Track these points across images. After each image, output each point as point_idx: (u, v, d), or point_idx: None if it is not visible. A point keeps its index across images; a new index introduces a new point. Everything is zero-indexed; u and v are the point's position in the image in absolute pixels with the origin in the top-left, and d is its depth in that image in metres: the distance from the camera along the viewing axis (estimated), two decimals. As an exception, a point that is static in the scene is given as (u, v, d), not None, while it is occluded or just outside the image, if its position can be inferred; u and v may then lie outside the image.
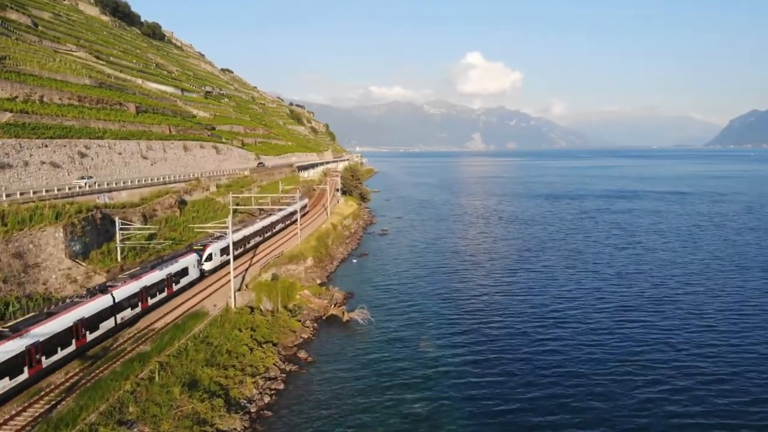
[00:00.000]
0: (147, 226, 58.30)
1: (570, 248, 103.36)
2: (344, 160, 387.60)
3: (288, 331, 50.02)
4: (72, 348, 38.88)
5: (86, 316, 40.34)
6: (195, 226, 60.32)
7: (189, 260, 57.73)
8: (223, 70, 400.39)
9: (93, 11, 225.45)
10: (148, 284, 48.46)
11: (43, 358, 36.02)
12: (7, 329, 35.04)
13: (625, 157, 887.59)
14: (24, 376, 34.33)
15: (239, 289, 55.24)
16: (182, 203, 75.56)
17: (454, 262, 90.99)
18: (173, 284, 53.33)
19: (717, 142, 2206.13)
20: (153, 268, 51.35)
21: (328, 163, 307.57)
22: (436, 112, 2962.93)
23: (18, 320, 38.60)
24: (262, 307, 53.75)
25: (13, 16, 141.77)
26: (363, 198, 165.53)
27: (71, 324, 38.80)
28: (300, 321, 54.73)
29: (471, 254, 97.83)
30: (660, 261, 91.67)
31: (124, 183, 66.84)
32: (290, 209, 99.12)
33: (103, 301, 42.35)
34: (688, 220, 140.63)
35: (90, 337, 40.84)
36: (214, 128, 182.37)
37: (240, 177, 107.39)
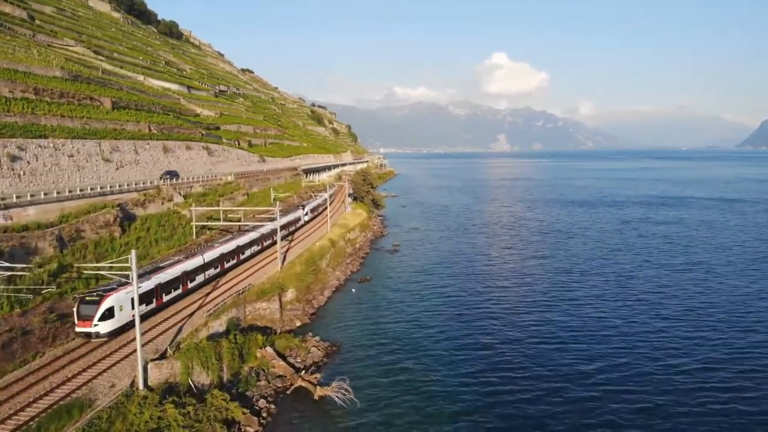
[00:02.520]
0: (23, 265, 40.70)
1: (617, 271, 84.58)
2: (364, 162, 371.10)
3: (220, 427, 32.82)
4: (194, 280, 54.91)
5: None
6: (83, 265, 42.88)
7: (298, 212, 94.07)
8: (243, 70, 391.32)
9: (104, 8, 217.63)
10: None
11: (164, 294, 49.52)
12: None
13: (657, 158, 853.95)
14: (153, 305, 47.90)
15: (164, 356, 37.98)
16: (129, 219, 59.38)
17: (475, 292, 72.79)
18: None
19: (748, 144, 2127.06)
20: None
21: (344, 165, 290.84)
22: (461, 113, 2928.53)
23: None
24: (193, 383, 36.74)
25: (6, 8, 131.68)
26: (376, 204, 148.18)
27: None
28: (249, 400, 37.66)
29: (496, 280, 79.65)
30: (733, 290, 72.51)
31: (32, 195, 50.37)
32: (321, 196, 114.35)
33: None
34: (750, 234, 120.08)
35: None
36: (218, 128, 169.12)
37: (222, 183, 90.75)
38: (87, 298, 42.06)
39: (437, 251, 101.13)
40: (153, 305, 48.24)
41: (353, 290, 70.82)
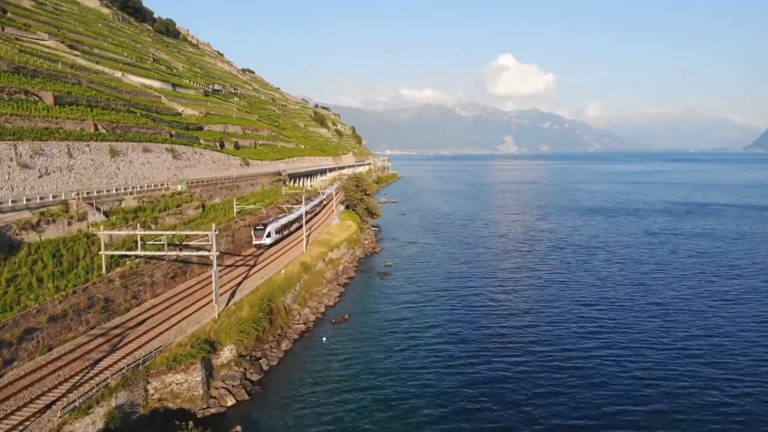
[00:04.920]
0: None
1: (656, 303, 67.71)
2: (366, 165, 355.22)
3: None
4: (297, 225, 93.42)
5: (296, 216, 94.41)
6: None
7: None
8: (243, 70, 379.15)
9: (93, 3, 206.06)
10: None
11: (284, 230, 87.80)
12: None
13: (668, 160, 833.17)
14: (280, 235, 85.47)
15: None
16: (12, 248, 43.23)
17: (481, 335, 55.94)
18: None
19: (757, 146, 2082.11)
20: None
21: (343, 168, 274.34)
22: (468, 115, 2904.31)
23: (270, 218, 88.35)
24: None
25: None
26: (371, 213, 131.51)
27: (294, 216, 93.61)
28: None
29: (507, 317, 62.61)
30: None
31: None
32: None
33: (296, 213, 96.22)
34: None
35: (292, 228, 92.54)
36: (200, 128, 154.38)
37: (169, 193, 74.09)
38: (257, 227, 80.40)
39: (436, 274, 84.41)
40: (280, 235, 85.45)
41: (324, 339, 53.87)
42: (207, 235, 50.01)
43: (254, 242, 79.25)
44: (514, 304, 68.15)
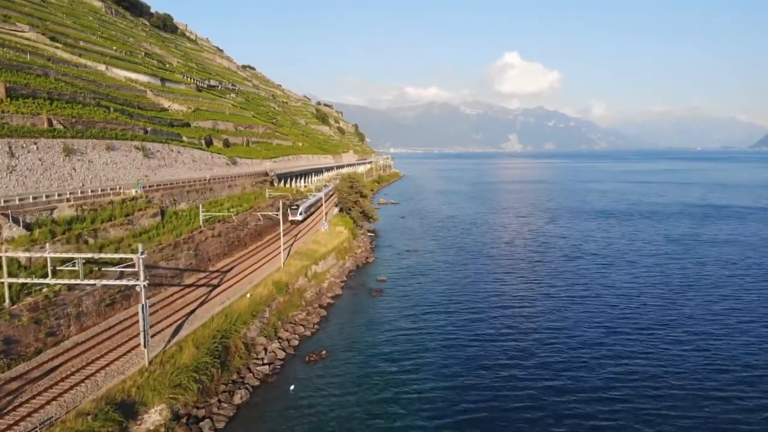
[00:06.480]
0: None
1: (686, 326, 57.01)
2: (367, 163, 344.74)
3: None
4: (315, 208, 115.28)
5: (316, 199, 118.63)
6: None
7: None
8: (243, 66, 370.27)
9: None
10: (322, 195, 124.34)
11: (311, 209, 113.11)
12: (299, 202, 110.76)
13: (676, 159, 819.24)
14: (308, 213, 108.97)
15: None
16: None
17: (487, 374, 45.17)
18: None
19: (762, 144, 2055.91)
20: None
21: (341, 167, 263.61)
22: (472, 113, 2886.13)
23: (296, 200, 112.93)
24: None
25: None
26: (367, 217, 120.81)
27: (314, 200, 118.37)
28: None
29: (518, 347, 51.87)
30: None
31: None
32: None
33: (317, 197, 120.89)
34: None
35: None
36: (188, 124, 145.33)
37: (118, 200, 63.15)
38: (292, 207, 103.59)
39: (435, 291, 73.52)
40: (307, 214, 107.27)
41: (291, 387, 42.99)
42: (132, 259, 39.36)
43: (290, 218, 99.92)
44: (525, 332, 57.27)
